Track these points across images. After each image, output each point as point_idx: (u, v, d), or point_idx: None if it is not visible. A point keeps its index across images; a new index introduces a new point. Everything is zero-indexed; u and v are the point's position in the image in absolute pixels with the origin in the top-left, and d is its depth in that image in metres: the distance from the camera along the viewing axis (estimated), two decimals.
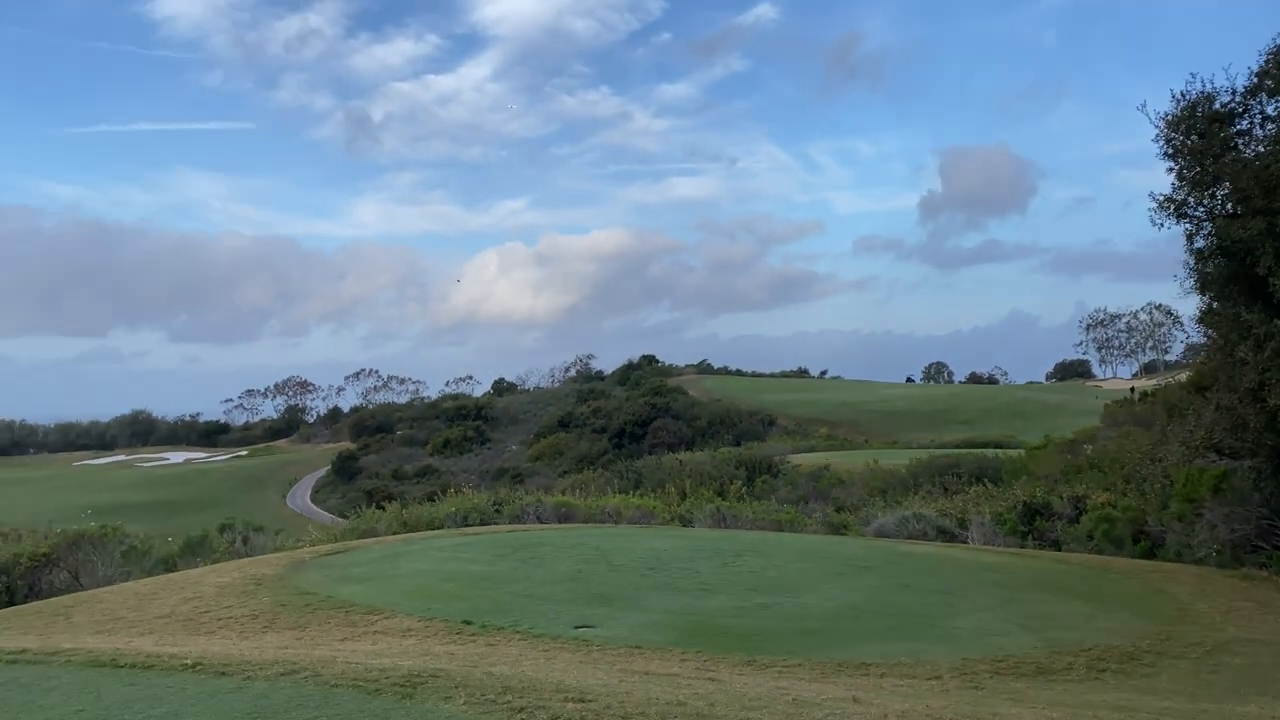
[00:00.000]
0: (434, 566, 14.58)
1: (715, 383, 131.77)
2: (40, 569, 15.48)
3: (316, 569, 14.73)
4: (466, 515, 21.01)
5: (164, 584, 13.97)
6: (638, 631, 10.20)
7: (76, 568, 16.27)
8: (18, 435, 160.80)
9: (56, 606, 12.60)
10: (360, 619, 10.93)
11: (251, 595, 12.61)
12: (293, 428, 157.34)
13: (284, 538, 20.32)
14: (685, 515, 21.98)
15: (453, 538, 17.73)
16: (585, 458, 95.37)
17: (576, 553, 15.60)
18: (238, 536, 18.27)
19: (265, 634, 10.34)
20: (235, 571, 14.61)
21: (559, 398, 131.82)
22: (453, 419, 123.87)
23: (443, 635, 10.07)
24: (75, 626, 11.14)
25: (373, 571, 14.26)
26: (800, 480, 41.30)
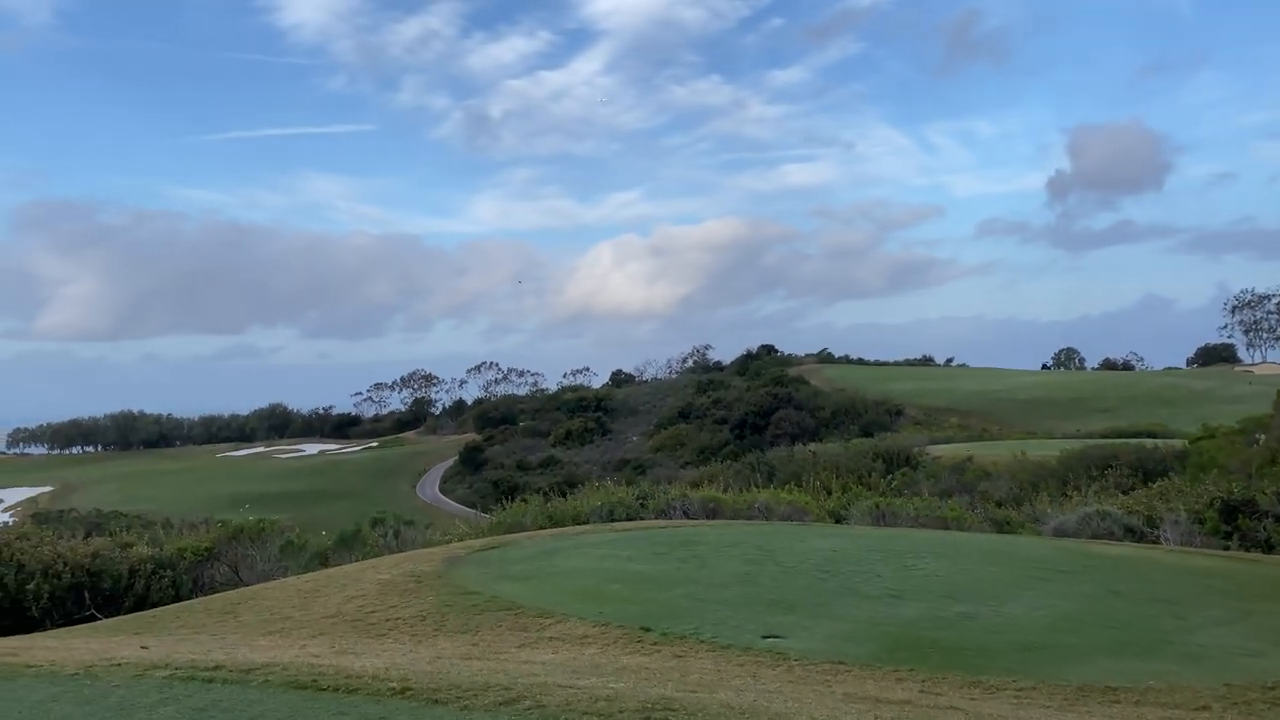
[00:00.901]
0: (593, 565, 14.00)
1: (837, 372, 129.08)
2: (203, 564, 15.56)
3: (474, 566, 14.34)
4: (612, 510, 20.45)
5: (324, 580, 13.78)
6: (834, 643, 9.32)
7: (236, 562, 16.33)
8: (165, 428, 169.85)
9: (224, 604, 12.52)
10: (531, 622, 10.37)
11: (414, 594, 12.25)
12: (420, 420, 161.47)
13: (433, 532, 20.14)
14: (839, 511, 20.93)
15: (604, 534, 17.16)
16: (707, 449, 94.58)
17: (738, 552, 14.79)
18: (389, 531, 18.13)
19: (437, 638, 9.88)
20: (394, 568, 14.34)
21: (677, 389, 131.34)
22: (573, 410, 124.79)
23: (623, 643, 9.39)
24: (245, 626, 10.95)
25: (531, 569, 13.77)
26: (943, 473, 39.51)
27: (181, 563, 14.97)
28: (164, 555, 14.95)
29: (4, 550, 12.71)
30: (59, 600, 12.86)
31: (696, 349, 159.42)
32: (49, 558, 13.03)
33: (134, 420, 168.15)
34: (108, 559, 13.75)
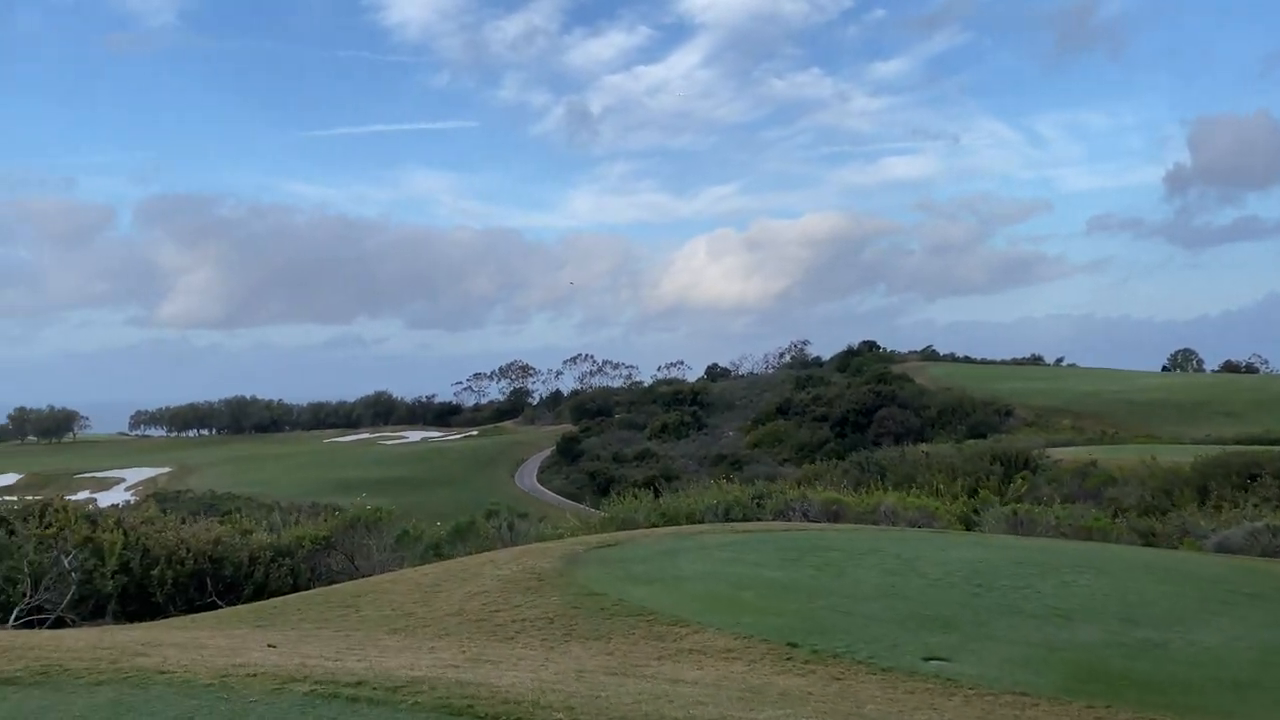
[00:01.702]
0: (718, 569, 13.26)
1: (942, 370, 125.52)
2: (320, 552, 15.35)
3: (594, 565, 13.75)
4: (728, 509, 19.68)
5: (443, 574, 13.38)
6: (1009, 670, 8.37)
7: (352, 551, 16.11)
8: (276, 414, 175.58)
9: (343, 596, 12.20)
10: (666, 631, 9.69)
11: (536, 592, 11.71)
12: (518, 410, 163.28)
13: (546, 525, 19.69)
14: (969, 517, 19.73)
15: (724, 535, 16.41)
16: (806, 446, 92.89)
17: (875, 560, 13.85)
18: (503, 523, 17.72)
19: (569, 643, 9.28)
20: (512, 563, 13.87)
21: (775, 384, 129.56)
22: (669, 404, 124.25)
23: (771, 660, 8.63)
24: (367, 622, 10.55)
25: (654, 571, 13.10)
26: (1065, 478, 37.51)
27: (300, 551, 14.78)
28: (282, 543, 14.79)
29: (131, 535, 12.63)
30: (182, 586, 12.73)
31: (794, 344, 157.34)
32: (173, 543, 12.92)
33: (246, 406, 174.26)
34: (229, 546, 13.61)
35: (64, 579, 11.48)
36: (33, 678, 5.19)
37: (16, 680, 5.15)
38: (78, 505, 13.30)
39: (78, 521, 12.30)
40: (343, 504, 63.63)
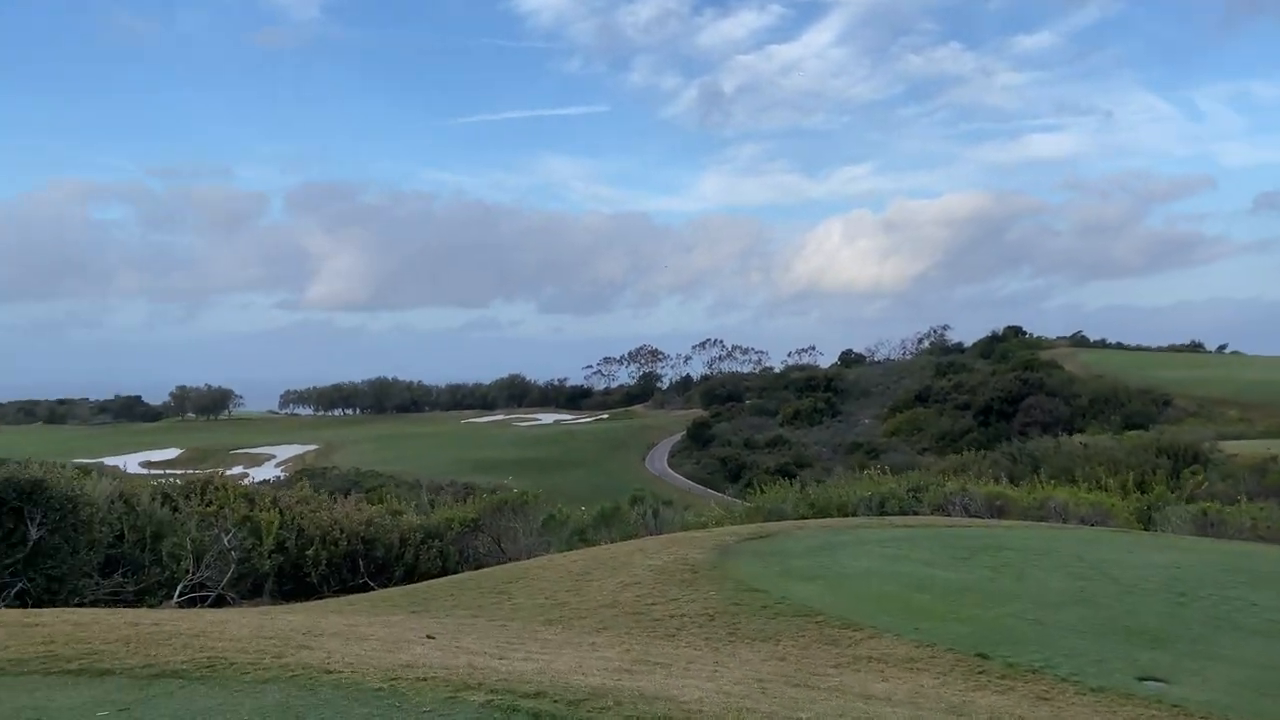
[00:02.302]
0: (884, 566, 12.41)
1: (1093, 356, 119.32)
2: (468, 534, 15.22)
3: (748, 557, 13.11)
4: (883, 501, 18.69)
5: (592, 561, 13.00)
6: (1244, 696, 7.32)
7: (499, 534, 15.94)
8: (416, 394, 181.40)
9: (495, 582, 11.94)
10: (839, 635, 8.97)
11: (691, 585, 11.16)
12: (647, 394, 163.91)
13: (691, 513, 19.15)
14: (1148, 515, 18.19)
15: (883, 529, 15.51)
16: (947, 435, 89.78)
17: (1056, 562, 12.74)
18: (648, 510, 17.26)
19: (734, 644, 8.68)
20: (663, 553, 13.37)
21: (913, 370, 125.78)
22: (801, 390, 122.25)
23: (962, 673, 7.81)
24: (521, 611, 10.22)
25: (815, 567, 12.36)
26: (1241, 474, 34.65)
27: (449, 533, 14.67)
28: (431, 524, 14.70)
29: (286, 514, 12.68)
30: (335, 567, 12.73)
31: (934, 329, 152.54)
32: (326, 524, 12.93)
33: (388, 386, 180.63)
34: (380, 527, 13.57)
35: (224, 557, 11.57)
36: (199, 671, 4.90)
37: (183, 674, 4.87)
38: (237, 484, 13.49)
39: (236, 500, 12.43)
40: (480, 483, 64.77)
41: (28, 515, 9.58)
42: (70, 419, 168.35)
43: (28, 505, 9.57)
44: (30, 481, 9.56)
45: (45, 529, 9.74)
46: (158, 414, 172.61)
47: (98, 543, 10.62)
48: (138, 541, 11.50)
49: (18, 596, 9.61)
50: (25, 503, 9.55)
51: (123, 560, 11.25)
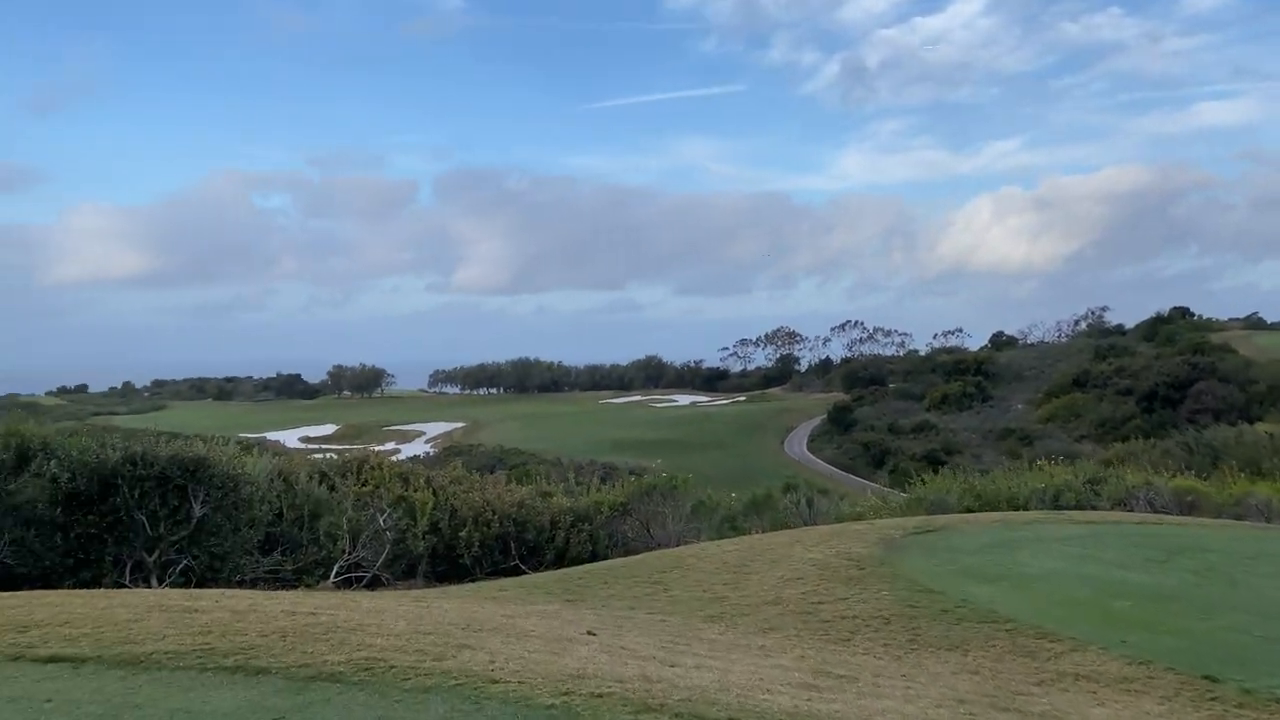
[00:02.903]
0: (1068, 567, 11.32)
1: (1270, 339, 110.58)
2: (617, 518, 14.82)
3: (917, 553, 12.22)
4: (1058, 494, 17.34)
5: (748, 552, 12.37)
6: None
7: (648, 518, 15.49)
8: (556, 375, 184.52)
9: (649, 570, 11.47)
10: (1034, 646, 8.06)
11: (859, 583, 10.39)
12: (785, 376, 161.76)
13: (846, 504, 18.26)
14: None
15: (1061, 525, 14.29)
16: (1108, 422, 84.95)
17: (1271, 567, 11.38)
18: (801, 498, 16.49)
19: (916, 653, 7.90)
20: (823, 546, 12.63)
21: (1069, 353, 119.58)
22: (949, 373, 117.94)
23: (1190, 699, 6.81)
24: (679, 605, 9.69)
25: (992, 566, 11.37)
26: None
27: (598, 516, 14.30)
28: (580, 507, 14.37)
29: (439, 495, 12.54)
30: (488, 549, 12.52)
31: (1091, 310, 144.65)
32: (479, 505, 12.73)
33: (530, 367, 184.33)
34: (531, 509, 13.30)
35: (379, 537, 11.49)
36: (356, 674, 4.52)
37: (340, 677, 4.49)
38: (392, 463, 13.46)
39: (391, 480, 12.35)
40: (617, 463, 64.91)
41: (192, 493, 9.63)
42: (236, 395, 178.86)
43: (192, 483, 9.62)
44: (194, 459, 9.61)
45: (209, 507, 9.80)
46: (316, 391, 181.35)
47: (258, 521, 10.67)
48: (296, 520, 11.54)
49: (183, 573, 9.69)
50: (190, 480, 9.60)
51: (281, 539, 11.30)
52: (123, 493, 9.26)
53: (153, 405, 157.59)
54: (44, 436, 9.38)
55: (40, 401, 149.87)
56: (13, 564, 8.69)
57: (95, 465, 9.16)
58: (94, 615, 5.66)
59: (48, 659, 4.73)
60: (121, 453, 9.32)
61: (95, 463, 9.16)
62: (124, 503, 9.26)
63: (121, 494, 9.25)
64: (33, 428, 9.40)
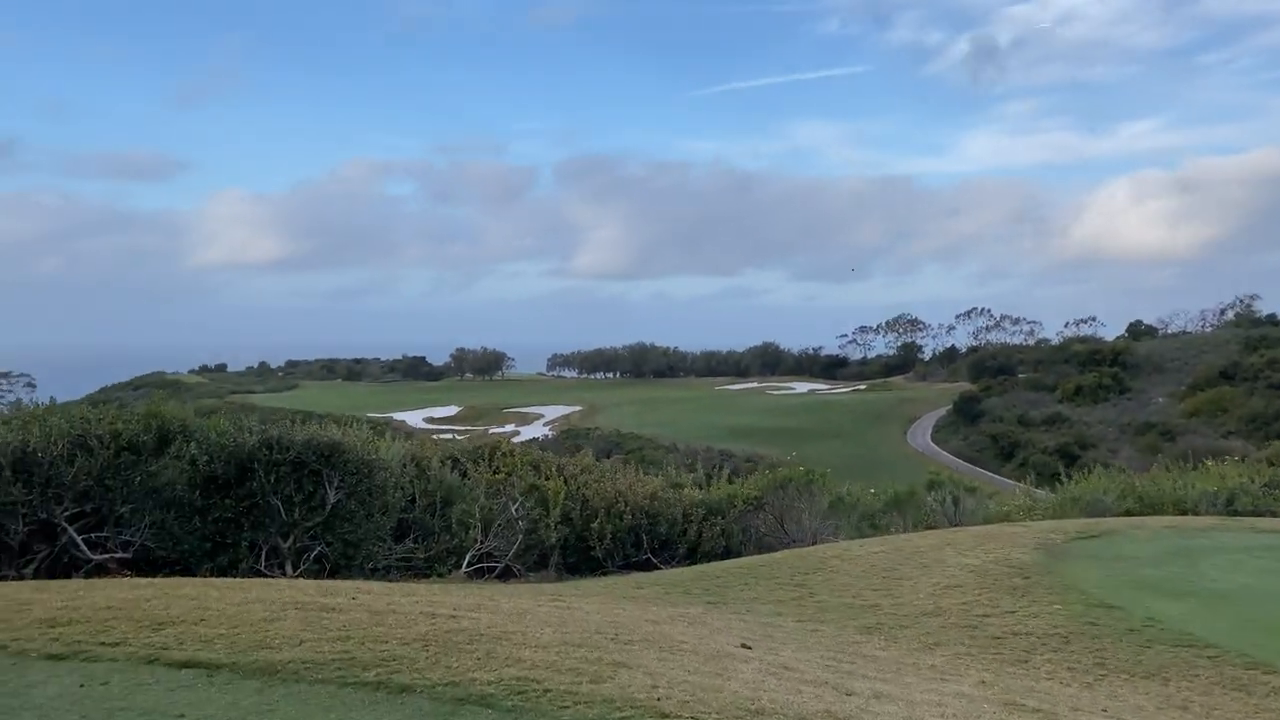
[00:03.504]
0: (1263, 583, 10.16)
1: None
2: (749, 512, 14.18)
3: (1084, 562, 11.19)
4: (1231, 497, 15.86)
5: (895, 554, 11.57)
6: None
7: (782, 514, 14.79)
8: (672, 360, 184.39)
9: (790, 570, 10.81)
10: (1246, 678, 7.09)
11: (1026, 595, 9.49)
12: (908, 365, 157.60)
13: (994, 503, 17.16)
14: None
15: (1244, 534, 12.96)
16: (1259, 418, 79.63)
17: None
18: (946, 496, 15.51)
19: (1111, 682, 7.02)
20: (978, 550, 11.72)
21: (1215, 344, 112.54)
22: (1084, 364, 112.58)
23: None
24: (828, 612, 9.02)
25: (1174, 579, 10.29)
26: None
27: (731, 510, 13.70)
28: (713, 500, 13.79)
29: (571, 483, 12.14)
30: (620, 541, 12.07)
31: (1239, 299, 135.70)
32: (610, 495, 12.28)
33: (646, 352, 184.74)
34: (663, 501, 12.78)
35: (511, 527, 11.15)
36: (508, 698, 4.04)
37: (490, 700, 4.02)
38: (524, 450, 13.14)
39: (523, 468, 12.01)
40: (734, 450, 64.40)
41: (327, 478, 9.44)
42: (364, 377, 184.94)
43: (326, 469, 9.43)
44: (329, 444, 9.42)
45: (343, 493, 9.60)
46: (439, 373, 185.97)
47: (391, 508, 10.45)
48: (428, 507, 11.31)
49: (317, 560, 9.52)
50: (325, 466, 9.41)
51: (414, 526, 11.08)
52: (259, 477, 9.11)
53: (286, 385, 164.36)
54: (183, 419, 9.32)
55: (183, 379, 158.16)
56: (153, 546, 8.64)
57: (232, 449, 9.04)
58: (230, 613, 5.37)
59: (182, 664, 4.41)
60: (258, 437, 9.18)
61: (232, 446, 9.04)
62: (260, 487, 9.12)
63: (258, 478, 9.11)
64: (173, 409, 9.35)
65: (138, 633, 4.87)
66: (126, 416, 8.88)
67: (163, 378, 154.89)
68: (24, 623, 5.04)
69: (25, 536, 8.06)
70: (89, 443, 8.32)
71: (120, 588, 6.27)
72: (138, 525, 8.58)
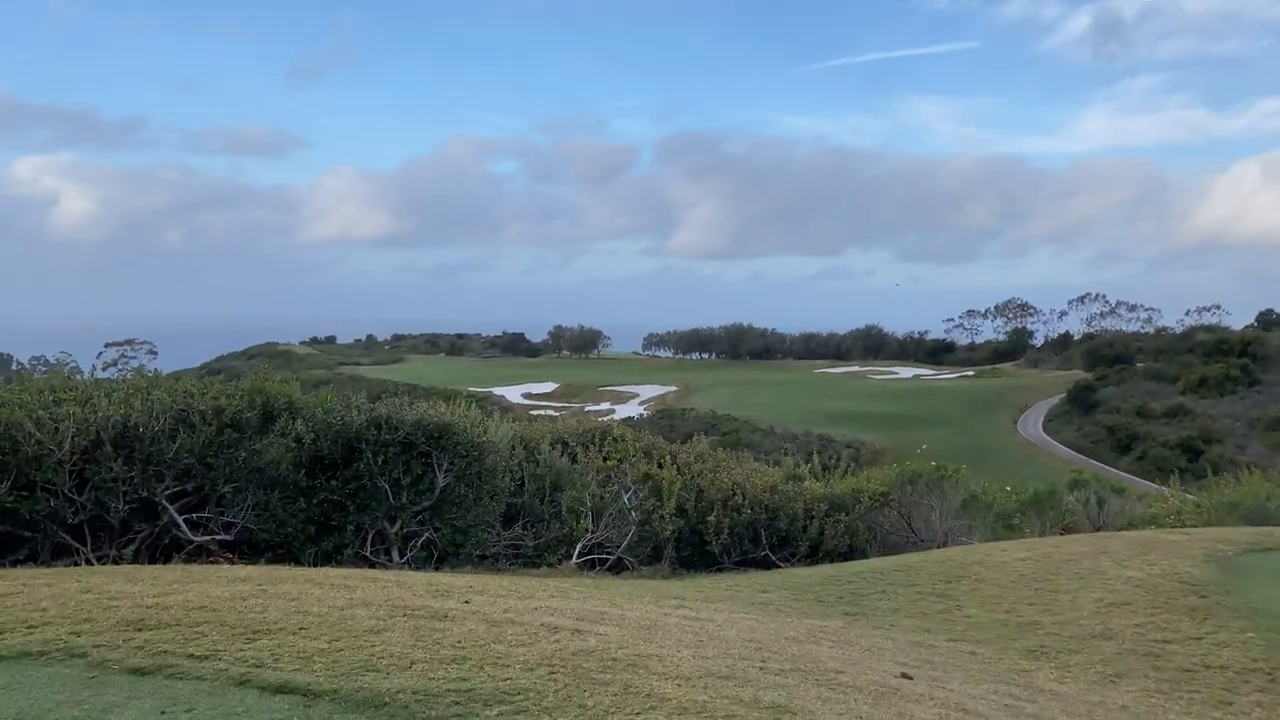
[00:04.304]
0: None
1: None
2: (874, 509, 13.20)
3: (1265, 578, 9.92)
4: None
5: (1045, 562, 10.45)
6: None
7: (909, 510, 13.78)
8: (769, 342, 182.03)
9: (930, 577, 9.84)
10: None
11: (1209, 618, 8.33)
12: (1018, 351, 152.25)
13: (1143, 506, 15.77)
14: None
15: None
16: None
17: None
18: (1090, 497, 14.24)
19: None
20: (1139, 560, 10.53)
21: None
22: (1209, 354, 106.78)
23: None
24: (982, 631, 8.04)
25: None
26: None
27: (856, 506, 12.75)
28: (836, 495, 12.85)
29: (685, 471, 11.38)
30: (737, 536, 11.25)
31: None
32: (727, 487, 11.47)
33: (743, 333, 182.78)
34: (784, 495, 11.91)
35: (623, 517, 10.44)
36: None
37: None
38: (636, 435, 12.43)
39: (636, 455, 11.29)
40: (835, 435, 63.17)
41: (436, 461, 8.88)
42: (466, 352, 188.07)
43: (435, 450, 8.86)
44: (439, 425, 8.85)
45: (451, 476, 9.02)
46: (537, 350, 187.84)
47: (500, 492, 9.85)
48: (536, 492, 10.70)
49: (424, 546, 8.98)
50: (434, 448, 8.84)
51: (522, 511, 10.48)
52: (366, 458, 8.59)
53: (392, 358, 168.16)
54: (289, 395, 8.85)
55: (294, 350, 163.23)
56: (255, 528, 8.19)
57: (339, 427, 8.53)
58: (332, 619, 4.76)
59: (277, 688, 3.78)
60: (366, 415, 8.66)
61: (339, 425, 8.53)
62: (367, 468, 8.60)
63: (365, 459, 8.59)
64: (278, 385, 8.89)
65: (230, 643, 4.29)
66: (231, 391, 8.44)
67: (274, 348, 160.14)
68: (109, 623, 4.51)
69: (125, 515, 7.69)
70: (191, 418, 7.90)
71: (217, 581, 5.75)
72: (240, 506, 8.15)
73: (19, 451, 7.12)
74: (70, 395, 7.91)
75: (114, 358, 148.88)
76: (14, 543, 7.37)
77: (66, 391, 8.03)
